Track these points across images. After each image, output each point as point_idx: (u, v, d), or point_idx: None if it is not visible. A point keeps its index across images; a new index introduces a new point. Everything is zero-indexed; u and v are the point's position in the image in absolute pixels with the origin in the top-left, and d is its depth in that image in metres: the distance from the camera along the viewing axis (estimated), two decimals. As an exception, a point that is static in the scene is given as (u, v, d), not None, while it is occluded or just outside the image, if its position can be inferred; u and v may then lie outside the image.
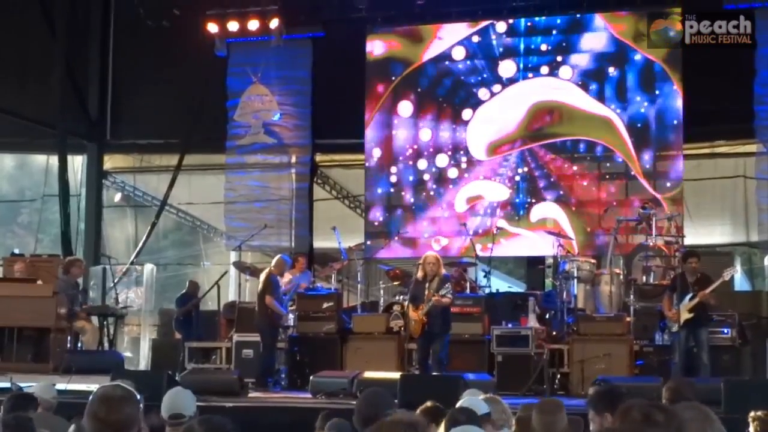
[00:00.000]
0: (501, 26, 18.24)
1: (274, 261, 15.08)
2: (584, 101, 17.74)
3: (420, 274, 13.15)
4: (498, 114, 18.14)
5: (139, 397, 4.32)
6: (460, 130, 18.36)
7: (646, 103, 17.44)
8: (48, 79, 19.83)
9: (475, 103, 18.29)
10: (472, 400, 6.90)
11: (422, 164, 18.52)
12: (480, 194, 18.17)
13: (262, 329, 14.62)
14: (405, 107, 18.68)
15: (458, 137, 18.37)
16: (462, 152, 18.31)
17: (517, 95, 18.09)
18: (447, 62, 18.54)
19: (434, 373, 12.66)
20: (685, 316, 12.99)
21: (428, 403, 6.58)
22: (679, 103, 17.19)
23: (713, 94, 17.03)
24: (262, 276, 14.85)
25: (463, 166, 18.29)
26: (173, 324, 17.36)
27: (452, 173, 18.34)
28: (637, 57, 17.47)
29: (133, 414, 4.12)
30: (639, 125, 17.44)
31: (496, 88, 18.18)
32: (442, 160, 18.41)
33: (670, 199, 17.04)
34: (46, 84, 19.85)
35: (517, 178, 17.98)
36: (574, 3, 17.88)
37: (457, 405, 6.64)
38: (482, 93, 18.26)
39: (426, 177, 18.49)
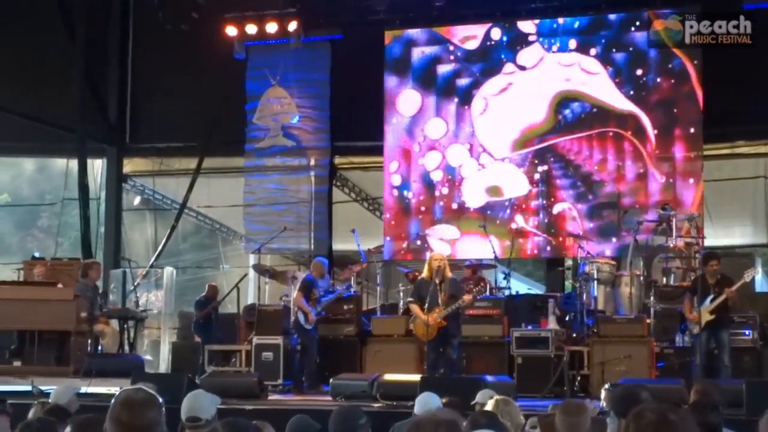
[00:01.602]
0: (521, 25, 18.24)
1: (312, 264, 15.26)
2: (608, 96, 17.71)
3: (426, 273, 13.13)
4: (519, 108, 18.14)
5: (161, 400, 4.32)
6: (478, 127, 18.34)
7: (666, 102, 17.40)
8: (67, 83, 19.89)
9: (492, 99, 18.28)
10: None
11: (438, 163, 18.50)
12: (498, 185, 18.13)
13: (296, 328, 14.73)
14: (421, 105, 18.69)
15: (476, 134, 18.35)
16: (480, 150, 18.30)
17: (538, 86, 18.07)
18: (463, 58, 18.53)
19: (453, 375, 12.66)
20: (707, 317, 12.93)
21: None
22: (699, 103, 17.13)
23: (733, 95, 16.97)
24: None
25: (481, 162, 18.28)
26: (193, 327, 17.37)
27: (470, 171, 18.31)
28: (658, 56, 17.41)
29: (155, 418, 4.12)
30: (659, 124, 17.39)
31: (514, 78, 18.18)
32: (459, 158, 18.40)
33: (690, 199, 16.98)
34: (66, 88, 19.90)
35: (536, 176, 17.93)
36: (593, 4, 17.85)
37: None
38: (498, 86, 18.25)
39: (441, 176, 18.47)
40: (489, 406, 6.62)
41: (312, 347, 14.55)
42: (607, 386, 10.41)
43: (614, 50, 17.75)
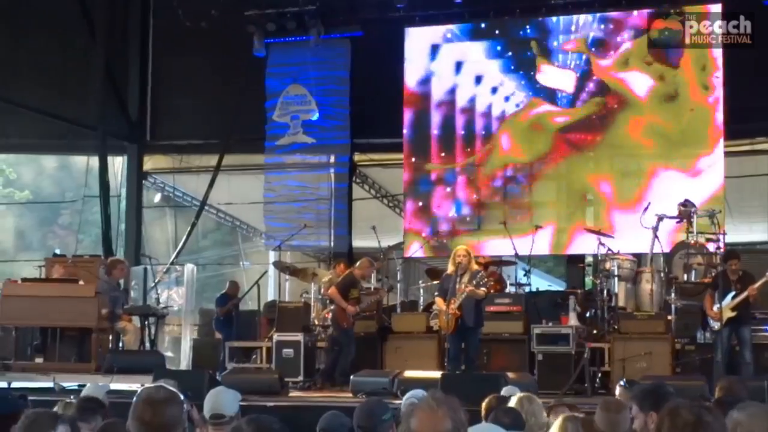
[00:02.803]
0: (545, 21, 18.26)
1: (358, 262, 15.08)
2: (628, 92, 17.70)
3: (450, 269, 13.09)
4: (539, 102, 18.13)
5: (182, 397, 4.34)
6: (496, 123, 18.33)
7: (686, 98, 17.33)
8: (88, 80, 19.96)
9: (514, 93, 18.29)
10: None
11: (458, 160, 18.49)
12: (517, 179, 18.13)
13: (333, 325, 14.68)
14: (441, 101, 18.69)
15: (494, 130, 18.33)
16: (501, 146, 18.28)
17: (562, 81, 18.06)
18: (489, 57, 18.53)
19: (475, 372, 12.65)
20: (728, 314, 12.89)
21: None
22: (720, 99, 17.06)
23: (753, 91, 16.90)
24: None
25: (500, 159, 18.27)
26: (213, 324, 17.42)
27: (490, 166, 18.30)
28: (677, 54, 17.35)
29: (177, 415, 4.14)
30: (680, 121, 17.34)
31: (540, 77, 18.19)
32: (480, 154, 18.38)
33: (711, 196, 16.91)
34: (87, 86, 19.97)
35: (557, 176, 17.91)
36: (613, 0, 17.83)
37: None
38: (522, 85, 18.26)
39: (461, 173, 18.45)
40: (512, 403, 6.60)
41: (350, 345, 14.39)
42: (621, 383, 10.39)
43: (630, 49, 17.71)
